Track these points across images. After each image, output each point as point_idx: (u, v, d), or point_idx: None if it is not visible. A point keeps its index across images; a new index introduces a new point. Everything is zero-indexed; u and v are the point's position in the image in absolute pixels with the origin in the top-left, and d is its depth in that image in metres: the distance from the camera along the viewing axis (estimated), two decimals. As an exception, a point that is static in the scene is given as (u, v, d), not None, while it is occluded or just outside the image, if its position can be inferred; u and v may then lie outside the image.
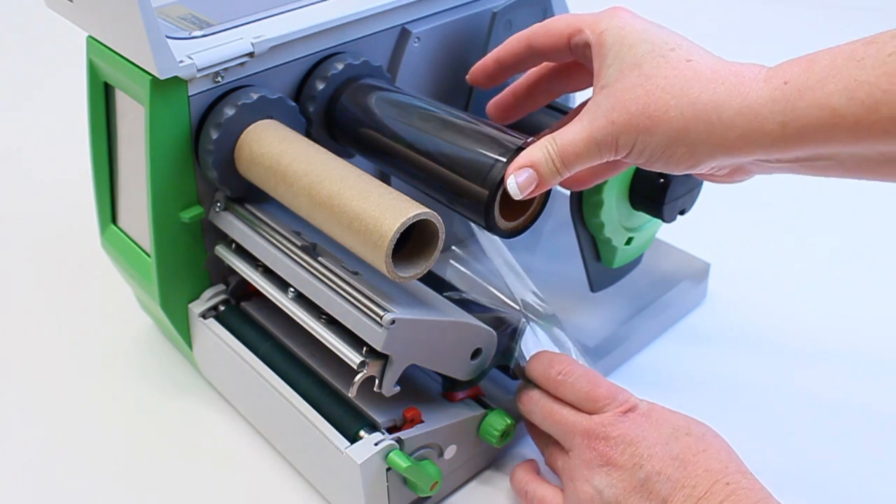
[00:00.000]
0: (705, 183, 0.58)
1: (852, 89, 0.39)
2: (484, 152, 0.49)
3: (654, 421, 0.48)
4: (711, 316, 0.68)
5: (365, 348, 0.48)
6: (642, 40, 0.45)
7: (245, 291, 0.59)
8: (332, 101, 0.57)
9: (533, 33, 0.51)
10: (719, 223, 0.77)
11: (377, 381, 0.49)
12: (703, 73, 0.43)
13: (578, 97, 0.71)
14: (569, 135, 0.46)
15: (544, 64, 0.54)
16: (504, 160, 0.48)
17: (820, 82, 0.40)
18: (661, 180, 0.55)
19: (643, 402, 0.50)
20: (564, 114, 0.60)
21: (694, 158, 0.44)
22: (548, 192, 0.51)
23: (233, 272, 0.58)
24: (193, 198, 0.55)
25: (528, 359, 0.54)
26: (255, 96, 0.52)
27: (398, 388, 0.49)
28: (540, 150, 0.47)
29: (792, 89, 0.40)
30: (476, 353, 0.52)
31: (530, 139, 0.48)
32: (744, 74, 0.43)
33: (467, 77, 0.56)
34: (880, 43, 0.39)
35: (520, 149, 0.48)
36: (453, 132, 0.51)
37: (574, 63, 0.52)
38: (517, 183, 0.47)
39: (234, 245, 0.56)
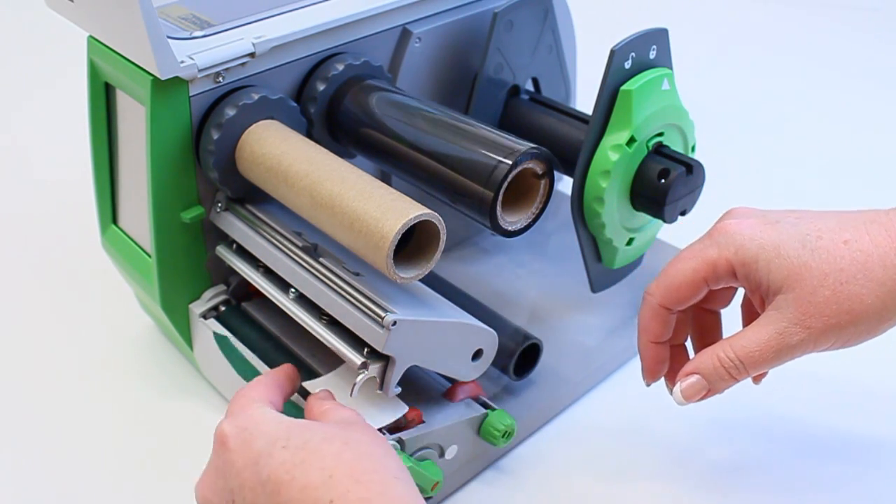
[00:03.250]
0: (706, 183, 0.58)
1: None
2: (487, 152, 0.49)
3: (243, 441, 0.41)
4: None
5: (366, 349, 0.48)
6: (781, 241, 0.45)
7: (245, 292, 0.59)
8: (333, 101, 0.57)
9: (666, 301, 0.49)
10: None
11: (378, 382, 0.49)
12: (871, 251, 0.44)
13: (579, 97, 0.71)
14: (751, 342, 0.45)
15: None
16: (509, 162, 0.48)
17: None
18: (663, 181, 0.55)
19: (244, 412, 0.43)
20: (577, 118, 0.60)
21: (889, 325, 0.45)
22: (550, 191, 0.51)
23: (233, 272, 0.58)
24: (194, 198, 0.55)
25: None
26: (256, 97, 0.52)
27: (399, 390, 0.49)
28: (709, 360, 0.46)
29: None
30: (477, 354, 0.52)
31: (532, 146, 0.48)
32: None
33: (646, 380, 0.53)
34: None
35: (527, 153, 0.48)
36: (456, 132, 0.51)
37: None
38: (681, 390, 0.47)
39: (234, 245, 0.56)
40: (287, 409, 0.48)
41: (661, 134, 0.57)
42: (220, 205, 0.56)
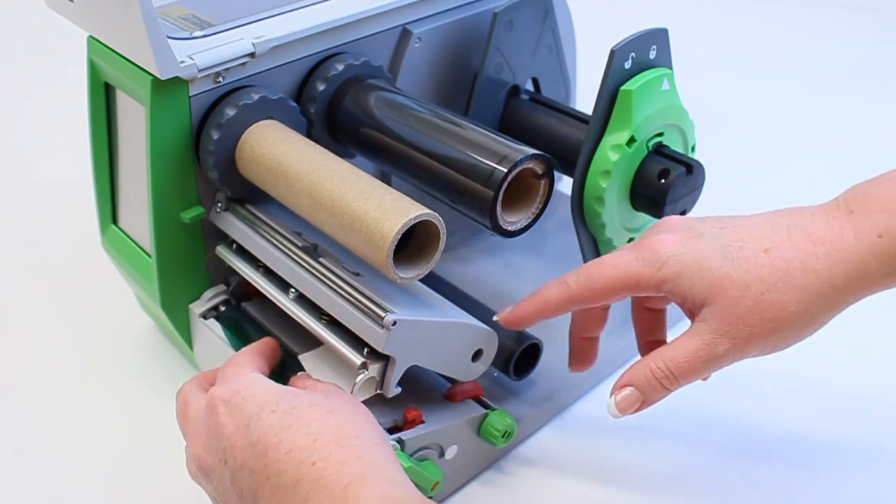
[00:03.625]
0: (706, 183, 0.58)
1: None
2: (487, 152, 0.49)
3: (235, 404, 0.43)
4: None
5: (366, 349, 0.48)
6: (702, 255, 0.45)
7: (245, 292, 0.59)
8: (333, 101, 0.57)
9: (581, 298, 0.49)
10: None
11: (378, 382, 0.49)
12: (791, 257, 0.44)
13: (579, 97, 0.71)
14: (680, 353, 0.45)
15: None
16: (509, 162, 0.48)
17: None
18: (663, 181, 0.55)
19: (236, 377, 0.45)
20: (577, 118, 0.60)
21: (816, 328, 0.45)
22: (550, 191, 0.51)
23: (233, 272, 0.58)
24: (194, 198, 0.55)
25: None
26: (256, 97, 0.52)
27: (399, 390, 0.49)
28: (641, 372, 0.47)
29: (889, 242, 0.42)
30: (477, 354, 0.52)
31: (532, 151, 0.48)
32: (830, 241, 0.43)
33: (499, 318, 0.53)
34: None
35: (527, 154, 0.48)
36: (456, 133, 0.51)
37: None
38: (615, 402, 0.47)
39: (234, 245, 0.56)
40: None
41: (661, 134, 0.57)
42: (220, 205, 0.56)
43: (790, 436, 0.58)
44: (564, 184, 0.69)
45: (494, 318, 0.52)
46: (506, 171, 0.48)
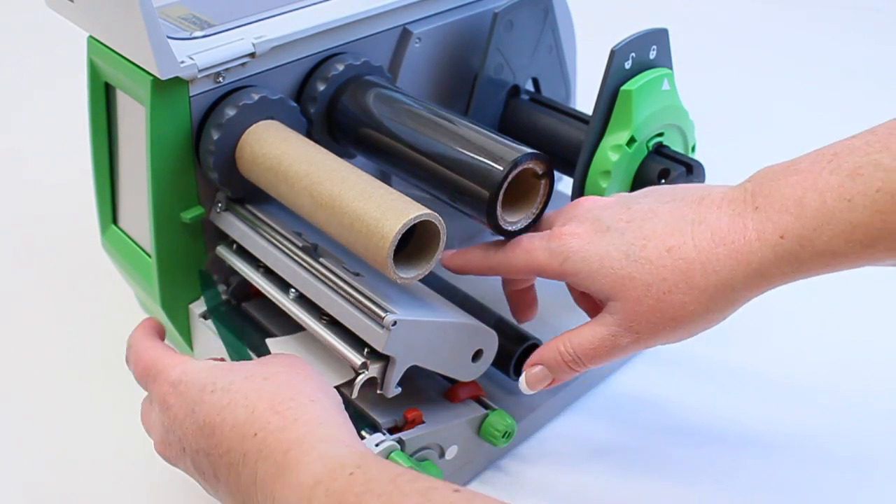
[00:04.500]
0: (706, 183, 0.58)
1: (848, 233, 0.40)
2: (487, 152, 0.49)
3: (179, 394, 0.44)
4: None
5: (366, 349, 0.48)
6: (605, 253, 0.46)
7: (246, 292, 0.59)
8: (333, 101, 0.57)
9: (496, 270, 0.51)
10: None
11: (378, 382, 0.49)
12: (693, 258, 0.44)
13: (579, 97, 0.71)
14: (587, 340, 0.47)
15: None
16: (509, 162, 0.48)
17: (816, 231, 0.41)
18: (663, 181, 0.55)
19: (175, 368, 0.46)
20: (577, 118, 0.60)
21: (719, 321, 0.46)
22: (550, 191, 0.51)
23: (234, 272, 0.58)
24: (194, 198, 0.55)
25: None
26: (256, 97, 0.52)
27: (399, 390, 0.49)
28: (551, 352, 0.48)
29: (791, 243, 0.42)
30: (477, 355, 0.52)
31: (532, 151, 0.48)
32: (732, 241, 0.43)
33: (443, 261, 0.54)
34: (865, 176, 0.40)
35: (527, 153, 0.48)
36: (456, 133, 0.51)
37: None
38: (525, 378, 0.49)
39: (234, 245, 0.56)
40: None
41: (661, 134, 0.57)
42: (220, 205, 0.56)
43: (793, 437, 0.58)
44: (564, 184, 0.69)
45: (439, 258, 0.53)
46: (506, 171, 0.48)
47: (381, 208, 0.45)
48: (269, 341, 0.54)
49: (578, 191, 0.57)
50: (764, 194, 0.43)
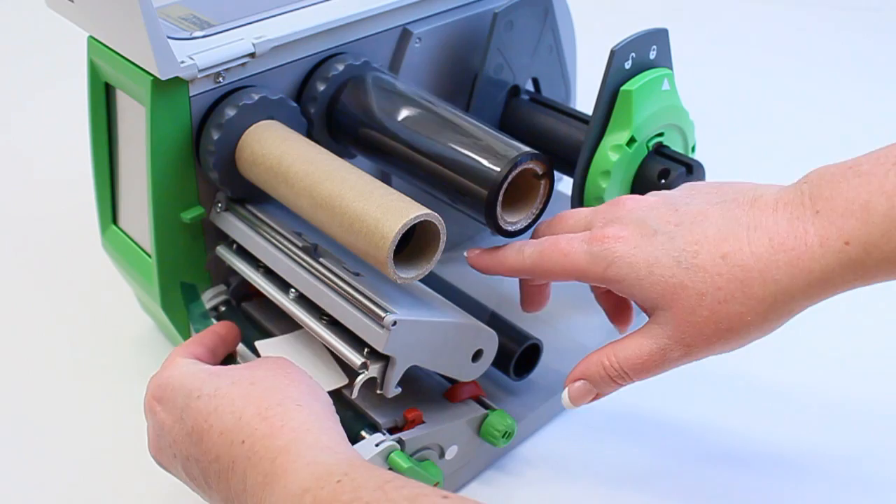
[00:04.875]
0: (706, 184, 0.58)
1: None
2: (488, 152, 0.49)
3: (166, 400, 0.44)
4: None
5: (366, 349, 0.48)
6: (654, 259, 0.43)
7: (246, 292, 0.59)
8: (333, 101, 0.57)
9: (530, 272, 0.49)
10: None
11: (378, 383, 0.49)
12: (751, 266, 0.41)
13: (579, 97, 0.71)
14: (633, 354, 0.45)
15: None
16: (509, 162, 0.48)
17: (884, 236, 0.38)
18: (663, 181, 0.55)
19: (160, 374, 0.46)
20: (577, 118, 0.60)
21: (774, 329, 0.43)
22: (550, 191, 0.51)
23: (233, 273, 0.58)
24: (194, 198, 0.55)
25: None
26: (256, 97, 0.52)
27: (399, 390, 0.49)
28: (594, 366, 0.46)
29: (856, 249, 0.39)
30: (477, 355, 0.52)
31: (532, 151, 0.48)
32: (793, 248, 0.41)
33: (467, 255, 0.53)
34: None
35: (528, 153, 0.48)
36: (457, 132, 0.51)
37: None
38: (568, 394, 0.47)
39: (234, 246, 0.56)
40: None
41: (661, 134, 0.57)
42: (220, 205, 0.56)
43: (796, 436, 0.58)
44: (564, 184, 0.69)
45: (465, 254, 0.52)
46: (506, 171, 0.48)
47: (381, 208, 0.45)
48: (258, 344, 0.53)
49: (578, 191, 0.57)
50: (825, 197, 0.40)
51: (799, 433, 0.58)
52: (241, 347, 0.56)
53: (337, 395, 0.52)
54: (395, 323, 0.46)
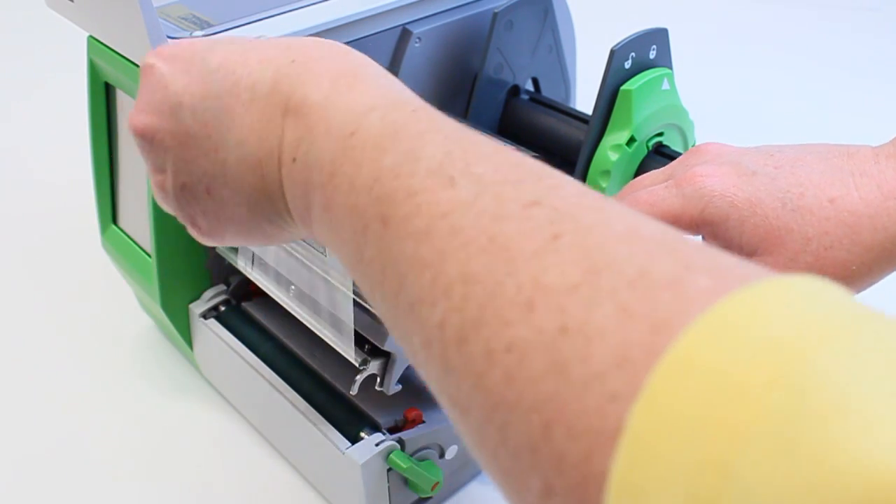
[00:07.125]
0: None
1: None
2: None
3: (174, 54, 0.35)
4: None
5: (367, 346, 0.48)
6: (757, 199, 0.40)
7: (246, 291, 0.59)
8: (333, 101, 0.57)
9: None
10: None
11: (379, 380, 0.49)
12: (861, 212, 0.39)
13: (579, 97, 0.71)
14: None
15: None
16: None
17: None
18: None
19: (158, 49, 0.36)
20: (577, 118, 0.60)
21: (873, 284, 0.41)
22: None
23: (234, 272, 0.58)
24: (194, 198, 0.55)
25: None
26: (256, 96, 0.52)
27: (400, 387, 0.49)
28: None
29: None
30: (477, 354, 0.52)
31: (527, 151, 0.48)
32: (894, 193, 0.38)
33: None
34: None
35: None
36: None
37: None
38: None
39: (234, 245, 0.56)
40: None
41: (661, 134, 0.57)
42: (220, 204, 0.56)
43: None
44: (564, 184, 0.69)
45: None
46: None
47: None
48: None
49: (578, 190, 0.57)
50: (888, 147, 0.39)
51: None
52: (241, 348, 0.56)
53: (336, 395, 0.52)
54: (395, 322, 0.46)
